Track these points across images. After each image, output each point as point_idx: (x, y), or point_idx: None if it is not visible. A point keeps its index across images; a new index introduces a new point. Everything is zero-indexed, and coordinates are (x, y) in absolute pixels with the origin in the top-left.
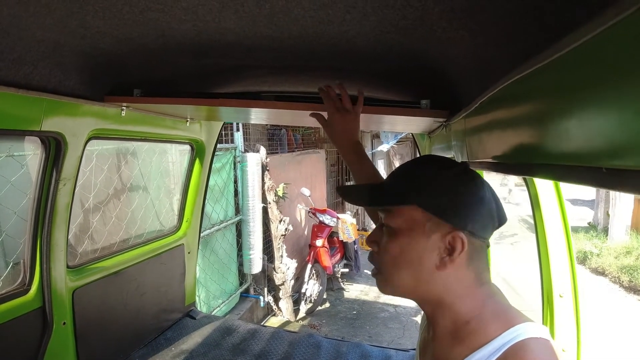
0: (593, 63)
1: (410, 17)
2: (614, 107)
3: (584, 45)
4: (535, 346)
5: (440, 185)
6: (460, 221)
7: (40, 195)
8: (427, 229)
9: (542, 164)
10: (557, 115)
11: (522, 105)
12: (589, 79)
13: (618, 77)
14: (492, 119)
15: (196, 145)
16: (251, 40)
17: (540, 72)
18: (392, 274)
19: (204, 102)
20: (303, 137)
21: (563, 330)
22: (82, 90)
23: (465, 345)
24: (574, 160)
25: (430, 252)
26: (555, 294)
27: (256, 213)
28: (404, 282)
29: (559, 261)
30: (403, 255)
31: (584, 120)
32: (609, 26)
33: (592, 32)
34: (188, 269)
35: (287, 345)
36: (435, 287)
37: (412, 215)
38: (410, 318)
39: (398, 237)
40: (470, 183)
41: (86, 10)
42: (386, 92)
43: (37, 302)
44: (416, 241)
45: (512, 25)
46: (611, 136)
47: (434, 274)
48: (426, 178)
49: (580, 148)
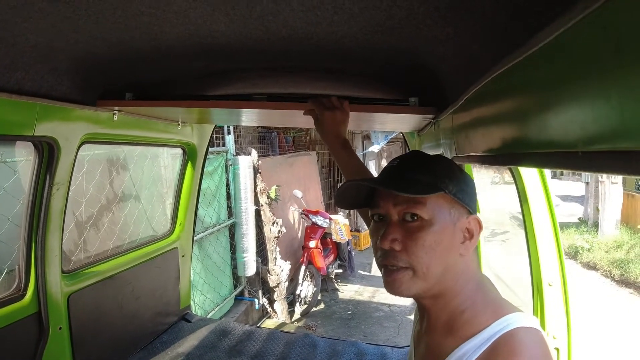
0: (567, 56)
1: (396, 16)
2: (587, 96)
3: (556, 40)
4: (525, 335)
5: (456, 173)
6: (473, 204)
7: (34, 200)
8: (453, 216)
9: (525, 152)
10: (537, 107)
11: (505, 99)
12: (565, 72)
13: (590, 68)
14: (478, 113)
15: (188, 148)
16: (242, 42)
17: (520, 66)
18: (427, 269)
19: (195, 104)
20: (294, 139)
21: (553, 318)
22: (75, 95)
23: (457, 335)
24: (554, 147)
25: (457, 238)
26: (544, 282)
27: (249, 216)
28: (435, 275)
29: (547, 251)
30: (439, 245)
31: (561, 110)
32: (576, 21)
33: (562, 27)
34: (182, 273)
35: (283, 346)
36: (454, 275)
37: (439, 203)
38: (405, 317)
39: (432, 227)
40: (464, 171)
41: (79, 15)
42: (375, 91)
43: (32, 307)
44: (447, 229)
45: (494, 22)
46: (585, 123)
47: (457, 261)
48: (444, 166)
49: (558, 135)
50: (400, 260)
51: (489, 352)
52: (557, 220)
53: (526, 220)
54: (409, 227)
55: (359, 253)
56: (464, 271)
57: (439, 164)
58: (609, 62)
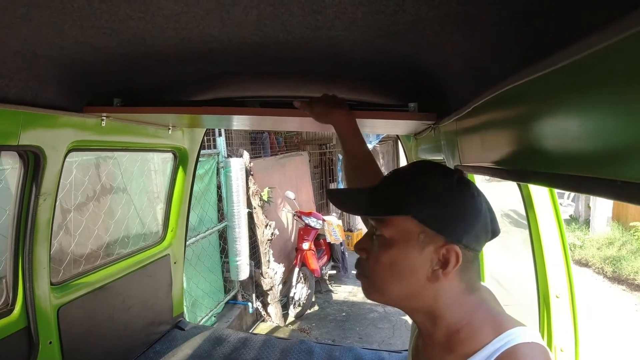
0: (593, 74)
1: (401, 22)
2: (612, 119)
3: (584, 58)
4: (527, 351)
5: (435, 196)
6: (456, 234)
7: (20, 211)
8: (421, 241)
9: (538, 172)
10: (553, 124)
11: (520, 111)
12: (588, 91)
13: (616, 89)
14: (488, 123)
15: (179, 153)
16: (235, 47)
17: (541, 79)
18: (381, 283)
19: (186, 110)
20: (285, 140)
21: (561, 331)
22: (61, 102)
23: (456, 353)
24: (571, 169)
25: (422, 264)
26: (551, 294)
27: (241, 219)
28: (392, 293)
29: (554, 262)
30: (394, 266)
31: (579, 129)
32: (614, 42)
33: (595, 46)
34: (175, 280)
35: (279, 353)
36: (425, 298)
37: (406, 225)
38: (400, 317)
39: (390, 248)
40: (466, 194)
41: (64, 20)
42: (372, 95)
43: (21, 322)
44: (408, 253)
45: (511, 31)
46: (607, 147)
47: (425, 286)
48: (421, 187)
49: (577, 157)
50: (363, 269)
51: None
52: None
53: (532, 228)
54: (375, 241)
55: (351, 253)
56: (442, 296)
57: (419, 185)
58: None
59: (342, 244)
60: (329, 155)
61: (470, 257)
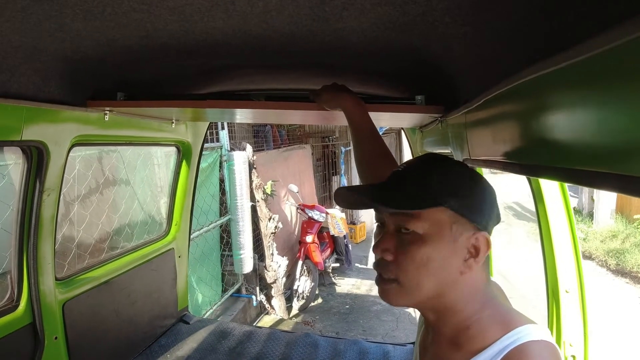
0: (607, 71)
1: (411, 13)
2: (625, 113)
3: (601, 54)
4: (536, 349)
5: (464, 185)
6: (483, 220)
7: (24, 207)
8: (454, 232)
9: (550, 166)
10: (567, 118)
11: (532, 105)
12: (605, 84)
13: (631, 85)
14: (499, 116)
15: (182, 147)
16: (240, 39)
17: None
18: (416, 284)
19: (190, 104)
20: (288, 133)
21: (570, 326)
22: (63, 96)
23: (464, 350)
24: (584, 164)
25: (457, 256)
26: (561, 290)
27: (245, 212)
28: (426, 292)
29: (564, 256)
30: (431, 262)
31: (593, 124)
32: (631, 39)
33: (612, 42)
34: (179, 273)
35: (284, 346)
36: (453, 293)
37: (439, 218)
38: (403, 310)
39: (425, 243)
40: (482, 182)
41: (65, 13)
42: (379, 88)
43: (27, 318)
44: (444, 246)
45: (525, 24)
46: (622, 141)
47: (457, 280)
48: (448, 178)
49: (590, 151)
50: (389, 272)
51: None
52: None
53: (541, 223)
54: (403, 239)
55: (355, 246)
56: (466, 289)
57: (445, 174)
58: None
59: (345, 236)
60: (332, 148)
61: None
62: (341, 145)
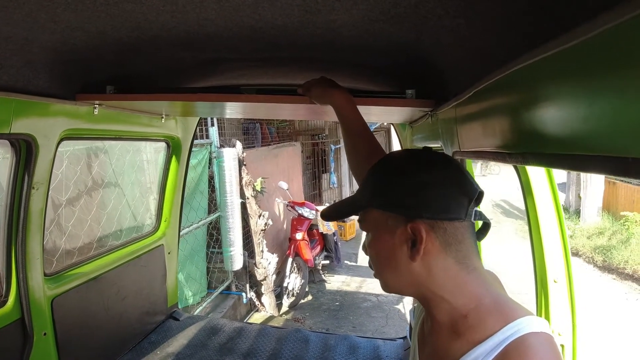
0: (596, 58)
1: (403, 4)
2: (607, 98)
3: (582, 44)
4: (536, 341)
5: (384, 181)
6: (412, 211)
7: (12, 201)
8: (390, 225)
9: (538, 152)
10: (554, 106)
11: (521, 95)
12: (590, 74)
13: (616, 73)
14: (488, 108)
15: (172, 142)
16: (231, 31)
17: (542, 62)
18: (382, 275)
19: (180, 97)
20: (278, 130)
21: (558, 315)
22: (53, 89)
23: (464, 339)
24: (571, 148)
25: (399, 246)
26: (549, 279)
27: (235, 209)
28: (391, 280)
29: (552, 247)
30: (380, 254)
31: (578, 111)
32: (615, 25)
33: (598, 28)
34: (169, 270)
35: (274, 342)
36: (419, 280)
37: (373, 216)
38: (393, 306)
39: (373, 239)
40: (411, 170)
41: (57, 3)
42: (370, 82)
43: (15, 313)
44: (384, 240)
45: (514, 14)
46: (606, 125)
47: (410, 267)
48: (374, 179)
49: (576, 137)
50: (371, 266)
51: (500, 359)
52: None
53: (530, 214)
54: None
55: (344, 243)
56: (438, 275)
57: (373, 175)
58: None
59: (335, 234)
60: (322, 145)
61: (451, 228)
62: (331, 143)
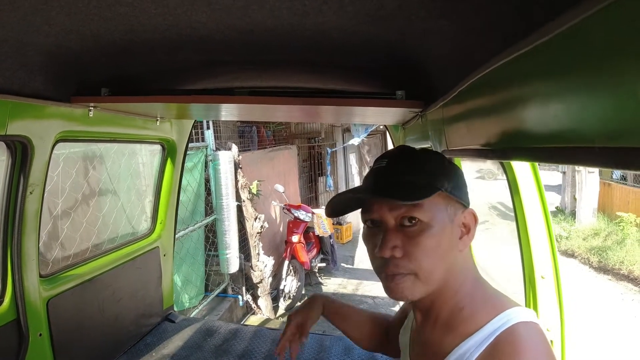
0: (571, 51)
1: (388, 6)
2: (588, 91)
3: (561, 35)
4: (525, 330)
5: (448, 168)
6: (467, 198)
7: (7, 203)
8: (450, 213)
9: (521, 147)
10: (534, 101)
11: (501, 92)
12: (565, 67)
13: (590, 64)
14: (472, 107)
15: (167, 144)
16: (223, 34)
17: (519, 60)
18: (432, 272)
19: (175, 99)
20: (274, 133)
21: (546, 311)
22: (48, 91)
23: (456, 333)
24: (552, 141)
25: (455, 235)
26: (537, 275)
27: (231, 212)
28: (439, 276)
29: (539, 243)
30: (440, 246)
31: (559, 104)
32: (587, 16)
33: (570, 22)
34: (164, 272)
35: (270, 343)
36: (453, 272)
37: (437, 202)
38: (389, 309)
39: (432, 229)
40: (455, 165)
41: (51, 6)
42: (360, 84)
43: (11, 314)
44: (446, 227)
45: (492, 13)
46: (585, 118)
47: (457, 258)
48: (438, 164)
49: (559, 130)
50: (402, 268)
51: (491, 349)
52: None
53: (517, 212)
54: (408, 232)
55: (341, 246)
56: (463, 267)
57: (432, 161)
58: (611, 59)
59: (331, 236)
60: (318, 149)
61: None
62: (327, 146)
